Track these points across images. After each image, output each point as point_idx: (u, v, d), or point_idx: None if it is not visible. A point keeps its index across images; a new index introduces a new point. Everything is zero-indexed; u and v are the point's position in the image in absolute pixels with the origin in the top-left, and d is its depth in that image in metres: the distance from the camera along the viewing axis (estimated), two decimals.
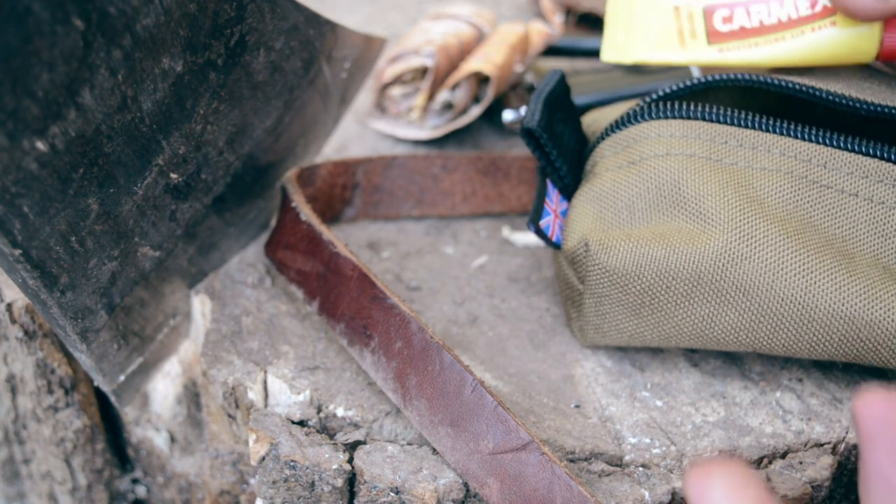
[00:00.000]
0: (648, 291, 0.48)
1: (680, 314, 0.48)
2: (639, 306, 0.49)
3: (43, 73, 0.36)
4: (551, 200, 0.52)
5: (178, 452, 0.58)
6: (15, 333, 0.54)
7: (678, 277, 0.48)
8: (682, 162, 0.50)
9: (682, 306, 0.48)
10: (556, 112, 0.53)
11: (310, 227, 0.51)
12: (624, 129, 0.52)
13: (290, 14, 0.49)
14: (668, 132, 0.51)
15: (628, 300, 0.49)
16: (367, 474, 0.45)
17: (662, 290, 0.48)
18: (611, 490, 0.45)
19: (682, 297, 0.48)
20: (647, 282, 0.48)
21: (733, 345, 0.49)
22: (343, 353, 0.51)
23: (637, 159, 0.51)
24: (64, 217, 0.41)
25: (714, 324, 0.48)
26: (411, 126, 0.67)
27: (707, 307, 0.48)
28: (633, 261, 0.48)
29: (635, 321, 0.50)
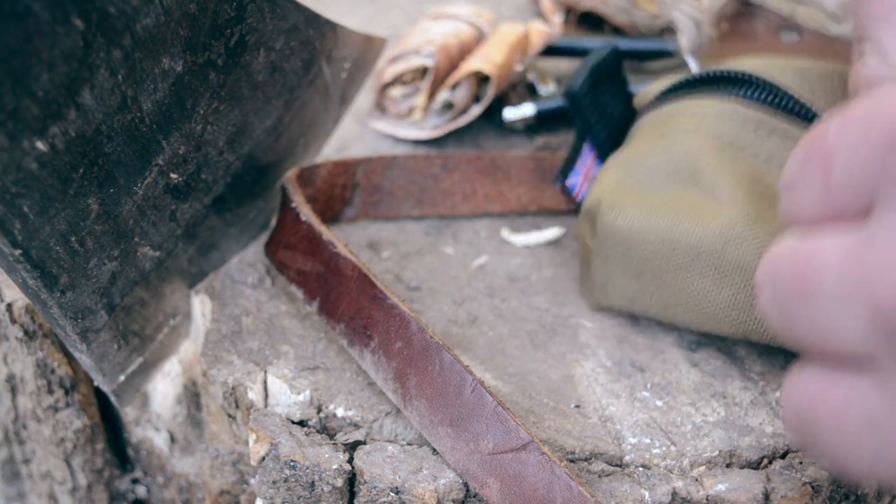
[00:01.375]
0: (651, 257, 0.50)
1: (679, 284, 0.49)
2: (641, 270, 0.50)
3: (43, 73, 0.36)
4: (584, 163, 0.55)
5: (178, 452, 0.58)
6: (15, 333, 0.54)
7: (680, 248, 0.49)
8: (706, 141, 0.51)
9: (682, 277, 0.49)
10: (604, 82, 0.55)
11: (310, 228, 0.51)
12: (666, 103, 0.54)
13: (290, 14, 0.49)
14: (701, 111, 0.52)
15: (632, 263, 0.50)
16: (367, 474, 0.45)
17: (664, 258, 0.49)
18: (611, 490, 0.45)
19: (682, 267, 0.49)
20: (652, 247, 0.49)
21: (727, 324, 0.49)
22: (343, 353, 0.51)
23: (668, 132, 0.53)
24: (64, 217, 0.41)
25: (710, 298, 0.49)
26: (412, 126, 0.67)
27: (705, 281, 0.49)
28: (641, 225, 0.50)
29: (637, 285, 0.51)
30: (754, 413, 0.49)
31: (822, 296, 0.33)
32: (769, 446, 0.48)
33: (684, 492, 0.45)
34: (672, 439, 0.48)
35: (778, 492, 0.46)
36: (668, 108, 0.54)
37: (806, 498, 0.46)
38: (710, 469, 0.47)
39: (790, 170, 0.36)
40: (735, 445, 0.48)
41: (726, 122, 0.51)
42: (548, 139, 0.69)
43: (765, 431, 0.48)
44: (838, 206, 0.34)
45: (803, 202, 0.35)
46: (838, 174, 0.33)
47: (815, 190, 0.34)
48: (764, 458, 0.48)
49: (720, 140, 0.51)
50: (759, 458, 0.48)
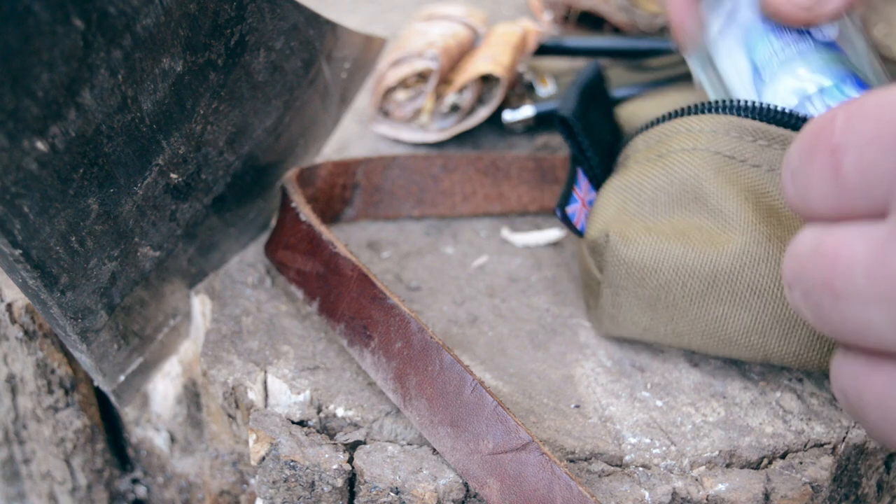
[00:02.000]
0: (665, 287, 0.49)
1: (694, 312, 0.49)
2: (654, 301, 0.49)
3: (43, 73, 0.36)
4: (580, 188, 0.53)
5: (178, 452, 0.58)
6: (15, 333, 0.54)
7: (695, 275, 0.48)
8: (706, 158, 0.50)
9: (697, 304, 0.48)
10: (592, 102, 0.54)
11: (310, 228, 0.51)
12: (659, 125, 0.53)
13: (290, 14, 0.49)
14: (697, 127, 0.51)
15: (644, 294, 0.49)
16: (367, 474, 0.45)
17: (678, 287, 0.48)
18: (611, 490, 0.45)
19: (697, 295, 0.48)
20: (664, 277, 0.49)
21: (745, 349, 0.49)
22: (343, 353, 0.51)
23: (665, 153, 0.51)
24: (64, 217, 0.41)
25: (727, 324, 0.48)
26: (418, 129, 0.67)
27: (721, 307, 0.48)
28: (652, 255, 0.49)
29: (650, 315, 0.50)
30: (754, 413, 0.49)
31: (852, 296, 0.33)
32: (769, 446, 0.48)
33: (684, 492, 0.45)
34: (672, 439, 0.48)
35: (778, 492, 0.46)
36: (661, 128, 0.53)
37: (806, 498, 0.46)
38: (710, 469, 0.47)
39: (793, 155, 0.36)
40: (735, 445, 0.48)
41: (723, 136, 0.50)
42: (547, 139, 0.69)
43: (765, 431, 0.48)
44: (852, 202, 0.33)
45: (812, 192, 0.35)
46: (849, 172, 0.33)
47: (824, 183, 0.34)
48: (764, 458, 0.48)
49: (720, 155, 0.50)
50: (759, 458, 0.48)
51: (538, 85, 0.70)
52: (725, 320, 0.48)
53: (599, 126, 0.55)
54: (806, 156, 0.35)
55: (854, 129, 0.33)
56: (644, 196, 0.51)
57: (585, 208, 0.53)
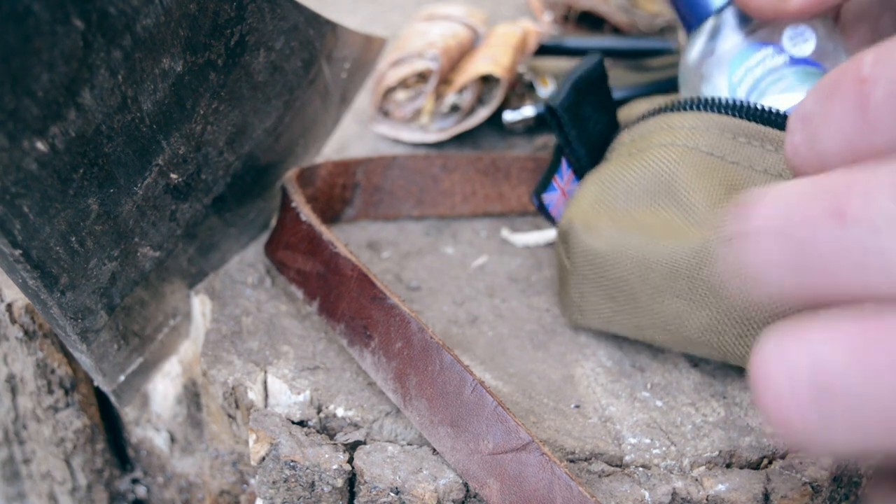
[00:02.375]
0: (625, 278, 0.48)
1: (654, 307, 0.48)
2: (615, 292, 0.49)
3: (43, 73, 0.36)
4: (561, 178, 0.53)
5: (178, 452, 0.58)
6: (15, 333, 0.54)
7: (654, 269, 0.48)
8: (683, 154, 0.50)
9: (656, 299, 0.48)
10: (588, 96, 0.53)
11: (310, 228, 0.51)
12: (644, 120, 0.53)
13: (290, 14, 0.49)
14: (678, 123, 0.51)
15: (605, 284, 0.49)
16: (367, 474, 0.45)
17: (638, 280, 0.48)
18: (611, 490, 0.45)
19: (656, 289, 0.48)
20: (625, 269, 0.48)
21: (704, 347, 0.48)
22: (343, 353, 0.51)
23: (644, 147, 0.51)
24: (64, 217, 0.41)
25: (684, 321, 0.48)
26: (417, 129, 0.67)
27: (679, 303, 0.48)
28: (614, 246, 0.48)
29: (611, 306, 0.50)
30: (754, 413, 0.49)
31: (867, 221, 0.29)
32: (769, 446, 0.48)
33: (684, 492, 0.45)
34: (672, 439, 0.48)
35: (778, 492, 0.46)
36: (645, 123, 0.53)
37: (806, 498, 0.46)
38: (710, 469, 0.47)
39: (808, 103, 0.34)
40: (735, 445, 0.48)
41: (703, 132, 0.50)
42: (547, 139, 0.69)
43: (765, 431, 0.48)
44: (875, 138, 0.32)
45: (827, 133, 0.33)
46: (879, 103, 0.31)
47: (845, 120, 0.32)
48: (764, 458, 0.48)
49: (697, 150, 0.50)
50: (759, 458, 0.48)
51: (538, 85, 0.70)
52: (682, 317, 0.48)
53: (593, 119, 0.54)
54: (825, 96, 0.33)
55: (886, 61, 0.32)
56: (618, 189, 0.51)
57: (565, 197, 0.53)
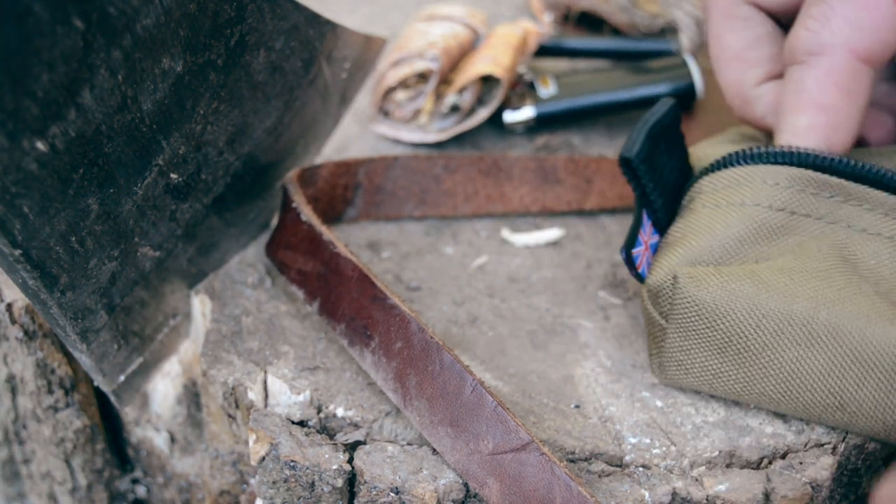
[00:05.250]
0: (737, 328, 0.47)
1: (767, 355, 0.47)
2: (726, 344, 0.47)
3: (43, 73, 0.36)
4: (644, 231, 0.51)
5: (178, 452, 0.58)
6: (15, 333, 0.54)
7: (769, 315, 0.46)
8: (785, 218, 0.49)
9: (771, 347, 0.47)
10: (661, 143, 0.51)
11: (310, 228, 0.51)
12: (729, 168, 0.51)
13: (290, 14, 0.49)
14: (773, 179, 0.50)
15: (715, 337, 0.47)
16: (367, 474, 0.45)
17: (752, 328, 0.47)
18: (611, 490, 0.45)
19: (771, 336, 0.46)
20: (737, 318, 0.47)
21: (820, 394, 0.47)
22: (343, 353, 0.51)
23: (738, 202, 0.50)
24: (64, 217, 0.41)
25: (802, 367, 0.46)
26: (417, 129, 0.67)
27: (796, 350, 0.46)
28: (724, 295, 0.47)
29: (720, 360, 0.48)
30: (754, 413, 0.49)
31: None
32: (769, 446, 0.48)
33: (684, 492, 0.45)
34: (672, 439, 0.48)
35: (778, 492, 0.46)
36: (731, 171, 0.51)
37: (806, 498, 0.46)
38: (710, 469, 0.47)
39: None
40: (735, 445, 0.48)
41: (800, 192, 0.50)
42: (548, 139, 0.69)
43: (765, 431, 0.48)
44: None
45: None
46: None
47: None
48: (764, 458, 0.48)
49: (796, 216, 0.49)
50: (759, 458, 0.47)
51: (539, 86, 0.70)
52: (800, 363, 0.46)
53: (667, 168, 0.52)
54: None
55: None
56: (714, 241, 0.49)
57: (648, 252, 0.51)
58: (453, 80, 0.67)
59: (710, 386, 0.49)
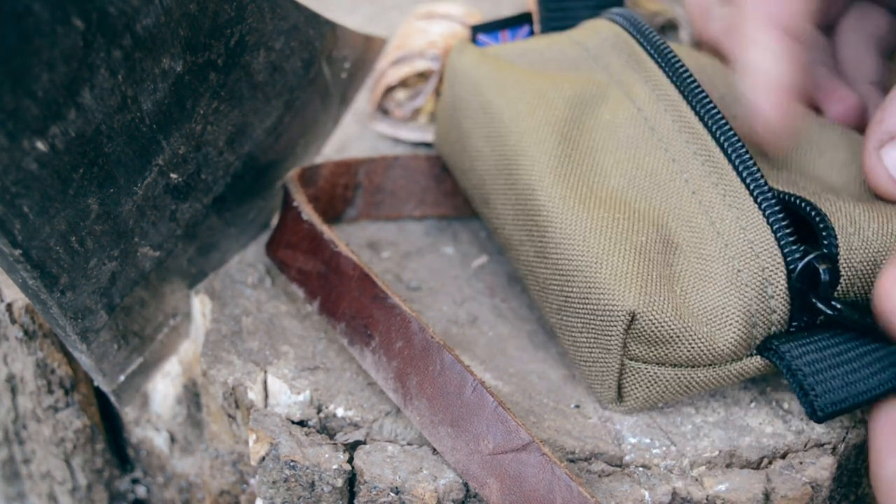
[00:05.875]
0: (460, 95, 0.55)
1: (467, 128, 0.55)
2: (454, 106, 0.56)
3: (43, 73, 0.36)
4: (509, 34, 0.61)
5: (178, 452, 0.58)
6: (15, 333, 0.54)
7: (480, 93, 0.54)
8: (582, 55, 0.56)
9: (471, 124, 0.54)
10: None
11: (311, 227, 0.51)
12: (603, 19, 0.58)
13: (290, 14, 0.49)
14: (606, 32, 0.55)
15: (449, 98, 0.57)
16: (367, 474, 0.45)
17: (467, 99, 0.55)
18: (611, 490, 0.45)
19: (473, 114, 0.54)
20: (463, 87, 0.55)
21: (478, 186, 0.54)
22: (343, 353, 0.51)
23: (570, 36, 0.57)
24: (64, 217, 0.41)
25: (479, 154, 0.53)
26: (417, 129, 0.67)
27: (479, 135, 0.53)
28: (466, 66, 0.55)
29: (450, 123, 0.56)
30: (754, 413, 0.49)
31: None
32: (769, 446, 0.48)
33: (684, 492, 0.45)
34: (672, 439, 0.48)
35: (778, 492, 0.46)
36: (587, 21, 0.57)
37: (806, 498, 0.46)
38: (710, 469, 0.47)
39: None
40: (735, 445, 0.48)
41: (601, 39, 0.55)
42: None
43: (765, 431, 0.48)
44: None
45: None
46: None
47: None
48: (764, 458, 0.48)
49: (587, 54, 0.55)
50: (759, 458, 0.48)
51: None
52: (478, 150, 0.53)
53: (578, 14, 0.59)
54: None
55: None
56: (524, 49, 0.57)
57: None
58: None
59: (442, 144, 0.58)
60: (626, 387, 0.47)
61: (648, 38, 0.53)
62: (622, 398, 0.47)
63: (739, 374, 0.46)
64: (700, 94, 0.50)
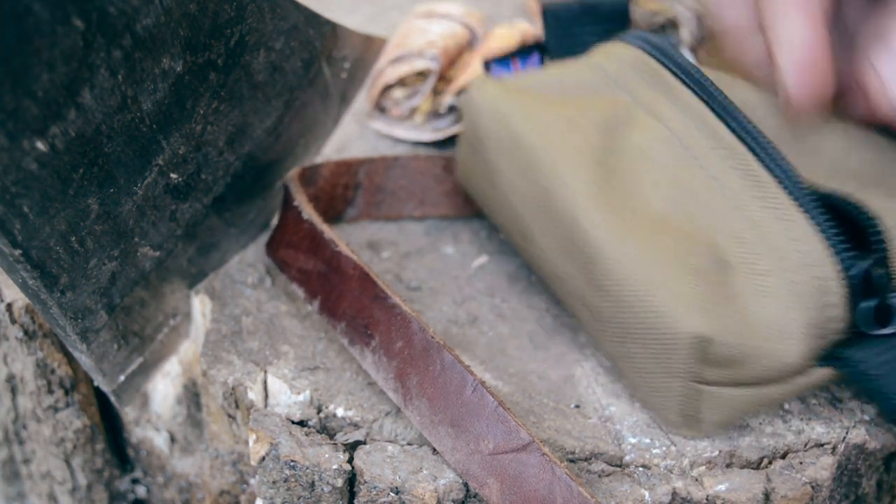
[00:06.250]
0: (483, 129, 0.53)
1: (495, 161, 0.53)
2: (477, 142, 0.54)
3: (43, 73, 0.36)
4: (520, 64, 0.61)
5: (178, 452, 0.58)
6: (15, 333, 0.54)
7: (506, 126, 0.52)
8: (602, 79, 0.54)
9: (498, 156, 0.53)
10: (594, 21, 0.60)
11: (311, 226, 0.51)
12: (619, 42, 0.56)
13: (290, 14, 0.49)
14: (627, 55, 0.54)
15: (470, 135, 0.55)
16: (367, 474, 0.45)
17: (493, 133, 0.53)
18: (611, 490, 0.45)
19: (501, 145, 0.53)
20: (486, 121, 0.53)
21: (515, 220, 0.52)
22: (343, 353, 0.51)
23: (588, 61, 0.56)
24: (64, 217, 0.41)
25: (512, 186, 0.52)
26: (413, 128, 0.67)
27: (510, 169, 0.52)
28: (488, 101, 0.53)
29: (474, 158, 0.55)
30: (754, 413, 0.49)
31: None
32: (769, 446, 0.48)
33: (684, 492, 0.45)
34: (672, 439, 0.48)
35: (778, 492, 0.46)
36: (602, 45, 0.56)
37: (806, 498, 0.46)
38: (710, 469, 0.47)
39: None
40: (735, 445, 0.48)
41: (621, 62, 0.54)
42: None
43: (765, 431, 0.48)
44: None
45: None
46: None
47: None
48: (764, 458, 0.48)
49: (608, 77, 0.54)
50: (759, 458, 0.47)
51: None
52: (511, 182, 0.52)
53: (590, 39, 0.58)
54: None
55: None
56: (542, 77, 0.55)
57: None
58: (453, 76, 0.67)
59: (467, 180, 0.57)
60: (697, 411, 0.46)
61: (671, 57, 0.52)
62: (693, 423, 0.47)
63: (807, 386, 0.46)
64: (730, 108, 0.50)
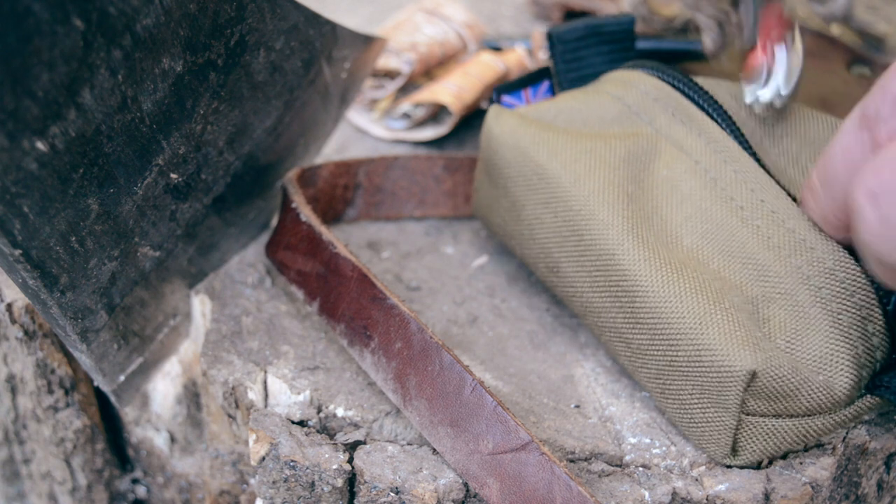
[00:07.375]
0: (504, 161, 0.53)
1: (516, 193, 0.53)
2: (496, 172, 0.54)
3: (43, 73, 0.36)
4: (534, 95, 0.60)
5: (178, 452, 0.58)
6: (15, 333, 0.54)
7: (528, 159, 0.52)
8: (623, 110, 0.53)
9: (519, 188, 0.52)
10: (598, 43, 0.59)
11: (310, 228, 0.51)
12: (630, 69, 0.56)
13: (290, 14, 0.49)
14: (644, 86, 0.54)
15: (489, 165, 0.54)
16: (367, 474, 0.45)
17: (515, 166, 0.53)
18: (611, 490, 0.45)
19: (523, 178, 0.52)
20: (507, 152, 0.53)
21: (542, 254, 0.52)
22: (343, 353, 0.51)
23: (606, 91, 0.55)
24: (64, 217, 0.41)
25: (536, 219, 0.52)
26: (369, 119, 0.68)
27: (534, 201, 0.52)
28: (507, 131, 0.53)
29: (493, 189, 0.55)
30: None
31: None
32: None
33: (684, 492, 0.45)
34: (672, 439, 0.48)
35: (778, 492, 0.46)
36: (625, 72, 0.55)
37: (806, 498, 0.46)
38: (710, 469, 0.47)
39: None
40: None
41: (641, 93, 0.53)
42: None
43: None
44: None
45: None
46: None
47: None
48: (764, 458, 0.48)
49: (629, 109, 0.53)
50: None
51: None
52: (536, 216, 0.51)
53: (596, 63, 0.58)
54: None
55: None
56: (559, 107, 0.55)
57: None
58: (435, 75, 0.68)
59: (484, 211, 0.56)
60: (743, 441, 0.46)
61: (695, 89, 0.52)
62: (738, 452, 0.46)
63: (854, 416, 0.46)
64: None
